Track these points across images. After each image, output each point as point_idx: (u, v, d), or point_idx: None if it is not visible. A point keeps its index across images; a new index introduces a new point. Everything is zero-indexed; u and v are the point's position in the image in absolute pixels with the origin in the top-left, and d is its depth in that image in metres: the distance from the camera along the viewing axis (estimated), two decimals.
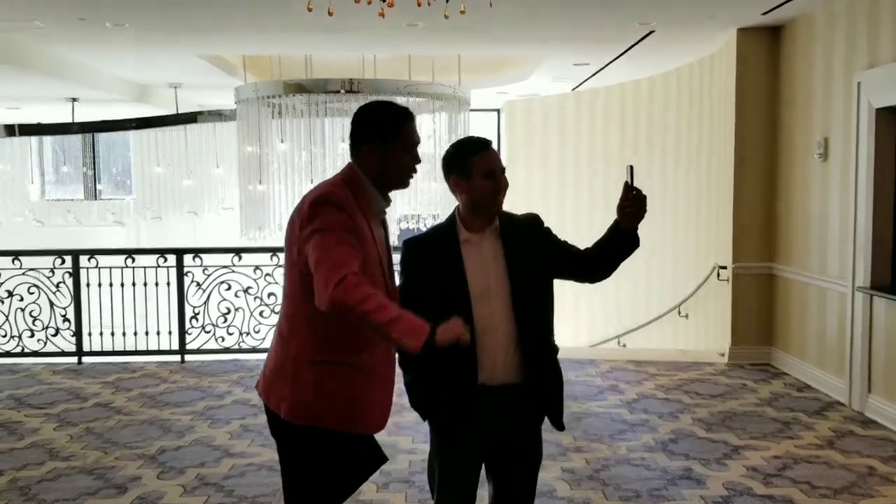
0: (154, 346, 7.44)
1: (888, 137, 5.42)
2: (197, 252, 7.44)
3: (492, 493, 2.77)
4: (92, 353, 7.45)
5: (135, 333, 7.46)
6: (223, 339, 7.42)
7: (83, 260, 7.43)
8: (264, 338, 7.34)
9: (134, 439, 5.12)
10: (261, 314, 7.43)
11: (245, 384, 6.42)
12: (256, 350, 7.33)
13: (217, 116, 10.31)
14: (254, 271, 7.36)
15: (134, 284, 7.39)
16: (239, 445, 4.97)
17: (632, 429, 5.24)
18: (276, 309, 6.91)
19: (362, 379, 2.38)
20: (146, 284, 7.39)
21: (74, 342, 7.43)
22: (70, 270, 7.41)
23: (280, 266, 7.16)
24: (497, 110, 13.54)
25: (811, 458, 4.65)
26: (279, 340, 2.43)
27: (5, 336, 7.43)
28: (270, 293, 7.36)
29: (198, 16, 6.34)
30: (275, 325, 2.51)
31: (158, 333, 7.45)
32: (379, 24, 6.44)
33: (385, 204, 2.49)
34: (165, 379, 6.69)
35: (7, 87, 9.14)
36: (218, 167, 10.65)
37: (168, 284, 7.40)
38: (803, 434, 5.09)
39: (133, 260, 7.41)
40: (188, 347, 7.42)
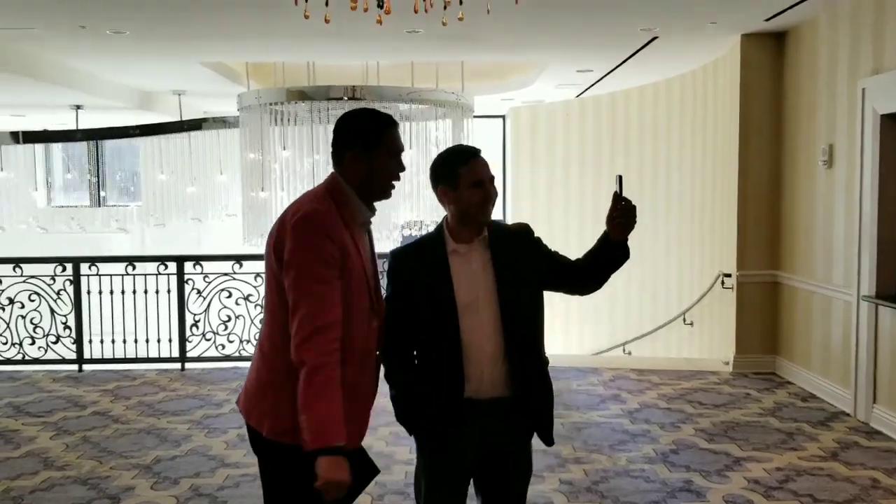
0: (154, 354, 7.41)
1: (893, 144, 5.35)
2: (197, 259, 7.42)
3: None
4: (93, 361, 7.44)
5: (135, 341, 7.45)
6: (223, 347, 7.39)
7: (84, 267, 7.42)
8: None
9: (130, 449, 5.08)
10: (261, 322, 7.37)
11: None
12: None
13: (221, 123, 10.29)
14: (254, 279, 7.32)
15: (135, 292, 7.37)
16: (235, 455, 4.92)
17: (633, 439, 5.17)
18: None
19: (349, 394, 2.32)
20: (147, 292, 7.37)
21: (75, 350, 7.41)
22: (71, 278, 7.40)
23: None
24: (502, 117, 13.51)
25: (814, 471, 4.57)
26: (260, 356, 2.38)
27: (6, 343, 7.43)
28: None
29: (198, 23, 6.33)
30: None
31: (159, 341, 7.43)
32: (379, 32, 6.42)
33: (369, 214, 2.45)
34: (165, 387, 6.67)
35: (12, 95, 9.17)
36: (222, 174, 10.64)
37: (169, 292, 7.38)
38: (807, 445, 5.01)
39: (134, 267, 7.39)
40: (189, 355, 7.39)
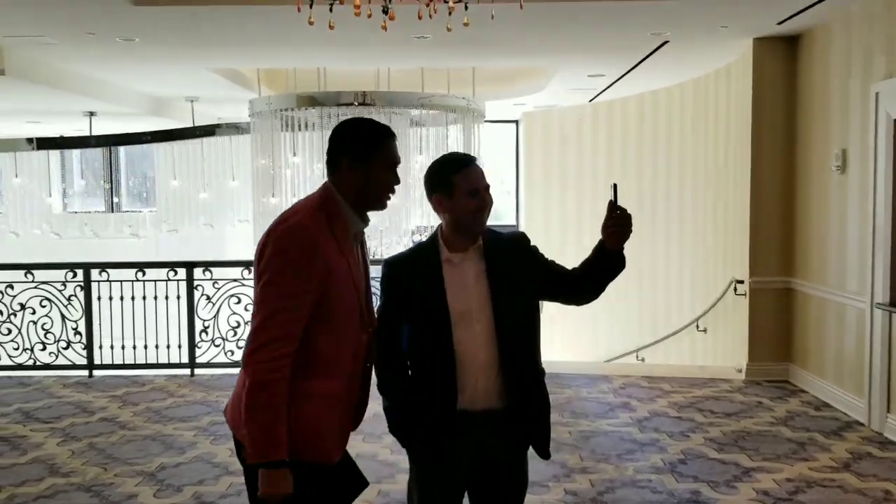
0: (164, 360, 7.42)
1: None
2: (207, 265, 7.42)
3: None
4: (103, 367, 7.46)
5: (145, 347, 7.46)
6: (233, 353, 7.39)
7: (94, 273, 7.45)
8: None
9: (135, 455, 5.08)
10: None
11: None
12: None
13: (234, 129, 10.32)
14: None
15: (144, 298, 7.38)
16: (238, 463, 4.89)
17: (641, 448, 5.10)
18: None
19: (327, 407, 2.30)
20: (157, 298, 7.38)
21: (85, 355, 7.44)
22: (82, 283, 7.42)
23: None
24: (515, 122, 13.47)
25: (825, 482, 4.49)
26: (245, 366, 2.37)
27: (18, 349, 7.46)
28: None
29: (205, 30, 6.34)
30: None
31: (168, 347, 7.43)
32: (388, 37, 6.42)
33: (362, 225, 2.42)
34: (173, 393, 6.67)
35: (26, 102, 9.24)
36: (234, 180, 10.67)
37: (178, 298, 7.39)
38: (819, 455, 4.92)
39: (144, 273, 7.41)
40: (198, 361, 7.40)
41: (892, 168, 5.27)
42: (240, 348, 7.37)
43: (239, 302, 7.37)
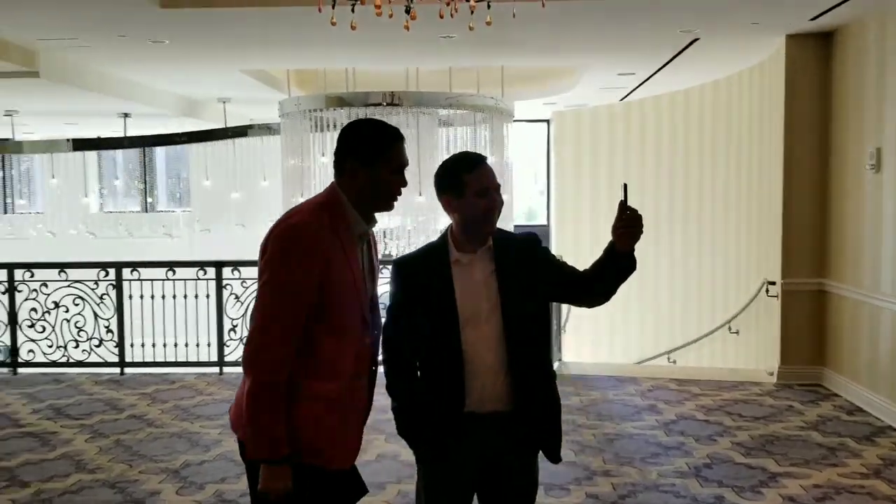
0: (194, 358, 7.50)
1: None
2: (235, 265, 7.49)
3: None
4: (134, 364, 7.56)
5: (175, 345, 7.55)
6: None
7: (126, 272, 7.56)
8: None
9: (160, 452, 5.14)
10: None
11: None
12: None
13: (266, 130, 10.42)
14: None
15: (174, 297, 7.48)
16: None
17: (666, 452, 5.03)
18: None
19: (330, 411, 2.28)
20: (186, 297, 7.47)
21: (117, 353, 7.55)
22: (114, 282, 7.54)
23: None
24: (547, 121, 13.40)
25: (854, 489, 4.38)
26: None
27: (51, 346, 7.59)
28: None
29: (232, 32, 6.39)
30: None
31: (198, 345, 7.51)
32: (413, 37, 6.40)
33: (367, 226, 2.39)
34: (202, 391, 6.74)
35: (62, 104, 9.42)
36: (265, 180, 10.76)
37: (207, 297, 7.46)
38: (849, 461, 4.80)
39: (174, 272, 7.50)
40: (227, 359, 7.47)
41: None
42: None
43: None
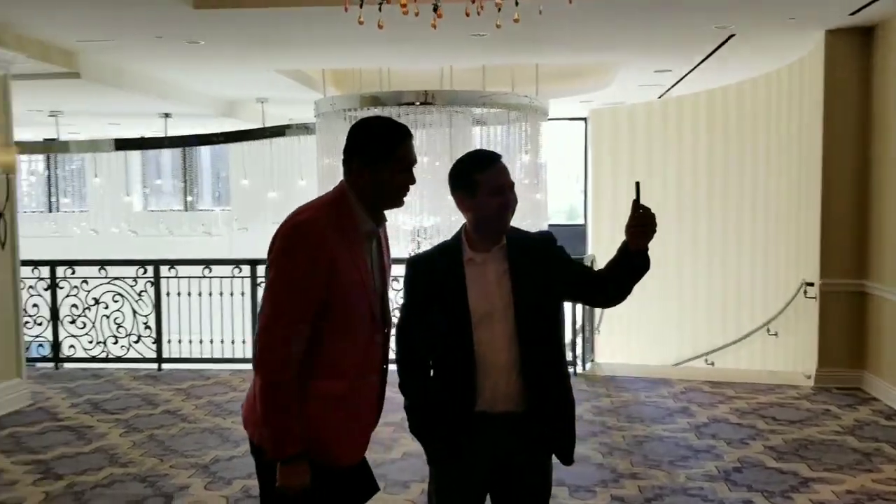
0: (229, 355, 7.60)
1: None
2: None
3: None
4: (171, 360, 7.69)
5: (211, 341, 7.66)
6: None
7: (164, 269, 7.69)
8: None
9: (191, 447, 5.21)
10: None
11: None
12: None
13: (304, 130, 10.51)
14: None
15: (210, 294, 7.59)
16: None
17: (695, 455, 4.95)
18: None
19: (331, 409, 2.29)
20: (222, 294, 7.58)
21: (155, 349, 7.69)
22: (152, 279, 7.68)
23: None
24: (584, 119, 13.30)
25: (888, 495, 4.26)
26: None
27: (91, 342, 7.76)
28: None
29: (265, 32, 6.45)
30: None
31: (233, 342, 7.61)
32: (444, 36, 6.40)
33: (375, 224, 2.37)
34: (235, 387, 6.82)
35: (103, 104, 9.62)
36: (302, 179, 10.85)
37: (242, 294, 7.56)
38: (884, 467, 4.68)
39: (210, 270, 7.61)
40: None
41: None
42: None
43: None
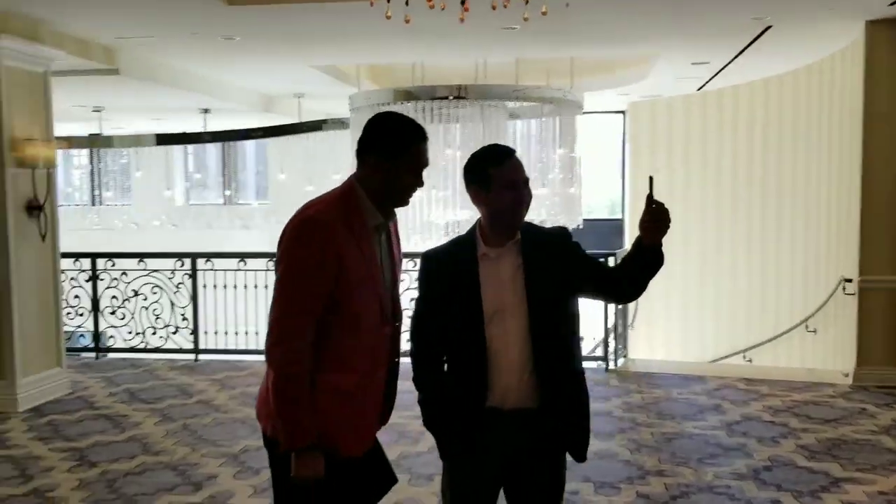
0: (263, 346, 7.68)
1: None
2: None
3: None
4: (207, 351, 7.81)
5: (245, 333, 7.77)
6: None
7: (200, 262, 7.81)
8: None
9: (223, 437, 5.30)
10: None
11: None
12: None
13: (339, 125, 10.57)
14: None
15: (245, 287, 7.70)
16: None
17: (725, 453, 4.88)
18: None
19: (338, 403, 2.30)
20: (256, 286, 7.67)
21: (192, 340, 7.82)
22: (189, 272, 7.81)
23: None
24: (622, 112, 13.17)
25: None
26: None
27: (131, 333, 7.93)
28: None
29: (298, 27, 6.51)
30: None
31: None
32: (473, 30, 6.40)
33: (384, 220, 2.38)
34: None
35: (142, 100, 9.80)
36: (337, 174, 10.92)
37: None
38: None
39: (245, 263, 7.72)
40: None
41: None
42: None
43: None
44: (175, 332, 7.89)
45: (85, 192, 14.65)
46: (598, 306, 7.23)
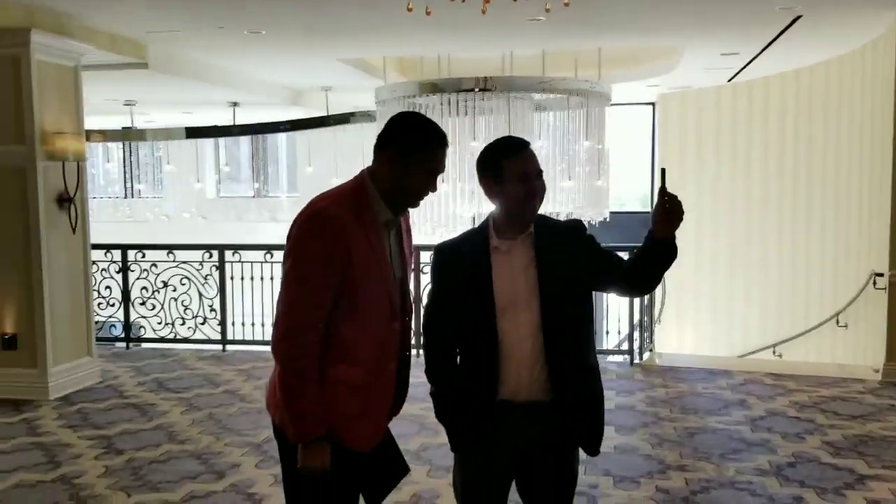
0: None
1: None
2: None
3: None
4: (235, 342, 7.91)
5: (272, 325, 7.83)
6: None
7: (228, 254, 7.90)
8: None
9: (247, 427, 5.37)
10: None
11: None
12: None
13: (367, 117, 10.59)
14: None
15: (272, 278, 7.76)
16: None
17: (748, 449, 4.84)
18: None
19: (345, 396, 2.31)
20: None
21: (220, 331, 7.92)
22: (217, 264, 7.90)
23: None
24: (652, 104, 13.04)
25: None
26: None
27: (160, 323, 8.05)
28: None
29: (323, 20, 6.53)
30: None
31: None
32: (498, 22, 6.38)
33: (391, 216, 2.37)
34: None
35: (171, 93, 9.91)
36: (364, 166, 10.96)
37: None
38: None
39: (271, 255, 7.79)
40: None
41: None
42: None
43: None
44: (203, 323, 8.00)
45: (119, 185, 14.89)
46: (624, 301, 7.19)
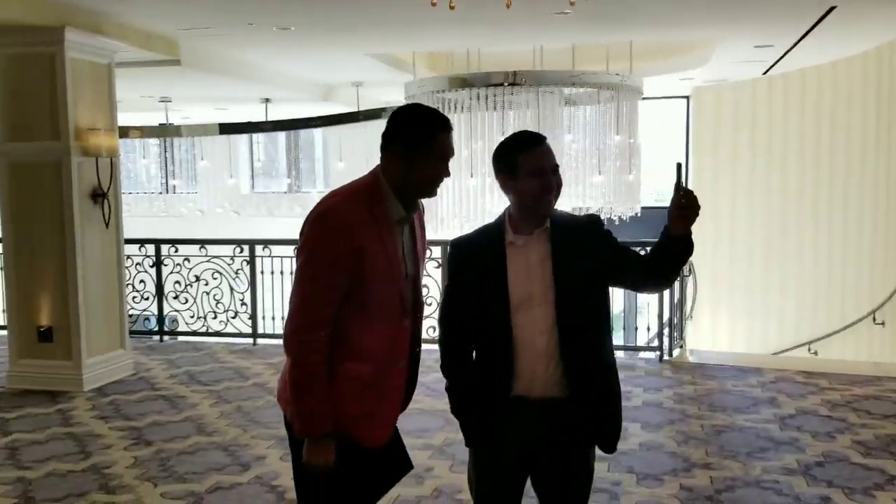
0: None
1: None
2: None
3: None
4: (265, 336, 7.99)
5: (285, 319, 7.90)
6: None
7: (258, 249, 7.98)
8: None
9: (273, 420, 5.41)
10: None
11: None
12: None
13: None
14: None
15: None
16: None
17: (776, 447, 4.76)
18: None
19: (354, 392, 2.33)
20: None
21: (251, 325, 8.00)
22: (247, 258, 7.99)
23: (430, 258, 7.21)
24: (686, 97, 12.88)
25: None
26: None
27: (193, 316, 8.16)
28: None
29: (352, 16, 6.55)
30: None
31: None
32: (525, 16, 6.36)
33: (404, 212, 2.37)
34: None
35: (204, 90, 10.04)
36: None
37: None
38: None
39: None
40: None
41: None
42: None
43: None
44: (234, 317, 8.09)
45: (155, 180, 15.12)
46: (654, 298, 7.13)
